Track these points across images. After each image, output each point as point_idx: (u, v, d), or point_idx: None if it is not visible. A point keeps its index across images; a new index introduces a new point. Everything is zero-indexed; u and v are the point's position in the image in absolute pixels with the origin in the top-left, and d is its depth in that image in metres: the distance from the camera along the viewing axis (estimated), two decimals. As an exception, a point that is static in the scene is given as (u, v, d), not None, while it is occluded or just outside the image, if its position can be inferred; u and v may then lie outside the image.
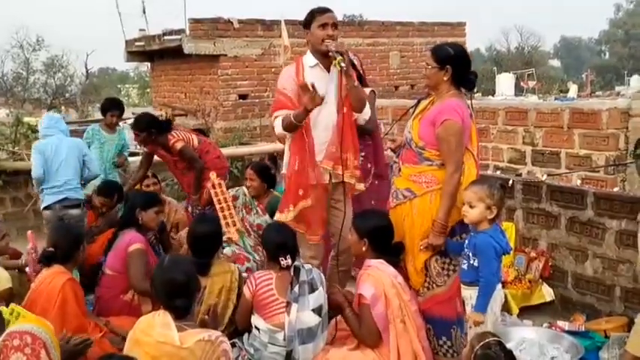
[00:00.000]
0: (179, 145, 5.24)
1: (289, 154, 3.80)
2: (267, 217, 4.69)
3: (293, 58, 10.74)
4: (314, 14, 3.69)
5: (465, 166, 3.28)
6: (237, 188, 5.02)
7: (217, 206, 4.58)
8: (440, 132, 3.23)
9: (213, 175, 4.75)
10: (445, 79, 3.30)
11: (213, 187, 4.67)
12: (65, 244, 3.52)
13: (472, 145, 3.36)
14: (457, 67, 3.29)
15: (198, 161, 5.26)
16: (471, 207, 3.13)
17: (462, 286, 3.30)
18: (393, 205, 3.50)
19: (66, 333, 2.91)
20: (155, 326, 2.69)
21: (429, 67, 3.33)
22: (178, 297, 2.71)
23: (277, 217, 3.82)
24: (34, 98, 27.47)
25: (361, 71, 4.51)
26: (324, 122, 3.71)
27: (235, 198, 4.84)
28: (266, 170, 4.96)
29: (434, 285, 3.42)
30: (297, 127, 3.61)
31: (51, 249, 3.48)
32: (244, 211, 4.82)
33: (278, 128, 3.71)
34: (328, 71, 3.72)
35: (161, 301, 2.81)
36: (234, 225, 4.55)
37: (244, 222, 4.73)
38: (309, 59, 3.76)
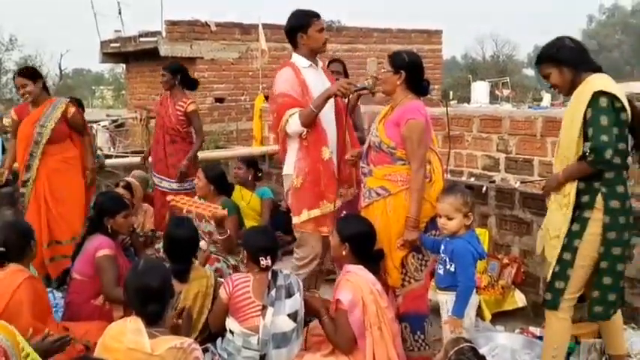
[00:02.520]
0: (193, 107, 5.42)
1: (303, 151, 3.78)
2: (225, 211, 4.57)
3: (271, 61, 10.76)
4: (311, 18, 3.83)
5: (433, 165, 3.47)
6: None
7: (186, 209, 4.49)
8: (404, 131, 3.38)
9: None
10: (399, 83, 3.46)
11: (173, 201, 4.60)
12: (15, 240, 3.40)
13: (434, 144, 3.56)
14: (410, 73, 3.46)
15: (202, 133, 5.51)
16: (449, 219, 3.18)
17: (437, 291, 3.34)
18: (364, 204, 3.58)
19: (47, 331, 2.84)
20: (126, 333, 2.65)
21: (384, 70, 3.51)
22: (151, 303, 2.67)
23: (297, 219, 3.81)
24: (7, 99, 27.01)
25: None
26: (327, 116, 3.84)
27: (190, 212, 4.78)
28: (217, 175, 4.79)
29: (412, 280, 3.50)
30: (314, 116, 3.69)
31: (1, 248, 3.36)
32: (197, 219, 4.75)
33: (294, 125, 3.72)
34: (317, 67, 3.95)
35: (133, 307, 2.76)
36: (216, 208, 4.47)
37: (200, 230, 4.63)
38: (302, 61, 3.88)
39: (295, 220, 3.85)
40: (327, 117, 3.85)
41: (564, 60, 3.12)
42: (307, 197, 3.79)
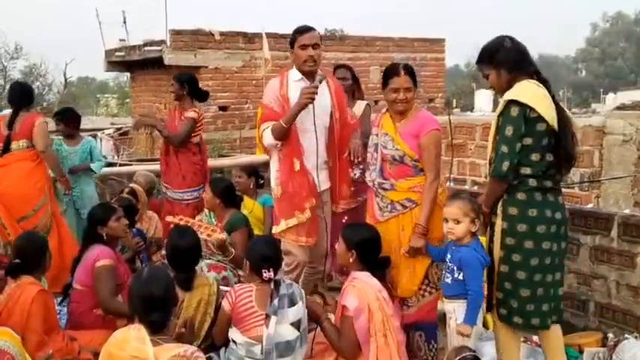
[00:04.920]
0: (191, 114, 5.29)
1: (280, 163, 3.88)
2: (224, 235, 4.49)
3: (274, 70, 10.80)
4: (296, 35, 3.83)
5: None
6: (200, 213, 4.96)
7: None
8: (424, 141, 3.41)
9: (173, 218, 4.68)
10: (415, 96, 3.56)
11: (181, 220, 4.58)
12: (32, 253, 3.47)
13: None
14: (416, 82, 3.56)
15: (183, 139, 5.27)
16: (456, 223, 3.18)
17: (444, 300, 3.33)
18: (384, 218, 3.57)
19: (51, 352, 2.85)
20: (130, 340, 2.65)
21: (411, 88, 3.48)
22: (155, 311, 2.68)
23: (282, 226, 3.88)
24: (12, 107, 27.12)
25: (360, 85, 4.91)
26: (307, 129, 3.86)
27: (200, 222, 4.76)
28: (223, 188, 4.74)
29: (433, 290, 3.56)
30: (285, 130, 3.74)
31: (17, 260, 3.41)
32: (203, 224, 4.71)
33: (268, 139, 3.82)
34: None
35: (137, 315, 2.76)
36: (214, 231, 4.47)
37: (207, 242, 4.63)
38: (294, 74, 3.93)
39: (274, 229, 3.94)
40: (307, 129, 3.86)
41: (501, 62, 3.08)
42: (284, 207, 3.88)
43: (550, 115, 2.98)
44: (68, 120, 5.84)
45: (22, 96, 5.18)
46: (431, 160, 3.40)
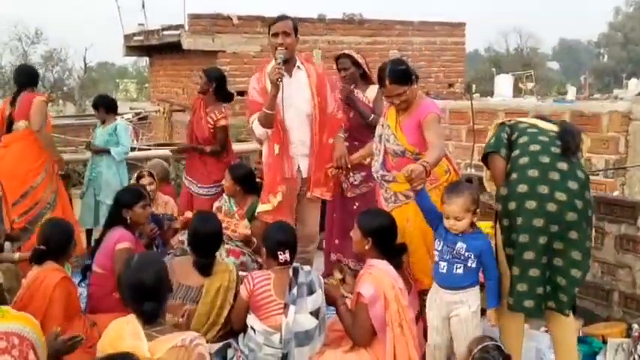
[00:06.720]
0: (223, 122, 5.21)
1: (267, 147, 4.11)
2: (245, 222, 4.52)
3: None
4: (269, 25, 3.95)
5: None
6: (220, 199, 4.95)
7: None
8: (425, 122, 3.43)
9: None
10: (416, 87, 3.52)
11: None
12: (57, 240, 3.48)
13: None
14: (416, 76, 3.54)
15: (222, 149, 5.24)
16: (458, 220, 3.11)
17: (452, 292, 3.20)
18: (389, 208, 3.56)
19: (58, 330, 2.82)
20: (124, 337, 2.53)
21: (403, 92, 3.45)
22: (147, 301, 2.55)
23: (260, 208, 4.12)
24: (32, 91, 27.41)
25: (366, 69, 4.79)
26: (294, 121, 3.99)
27: (219, 209, 4.75)
28: (243, 175, 4.71)
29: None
30: (270, 116, 3.87)
31: (42, 247, 3.42)
32: (226, 218, 4.68)
33: (257, 129, 4.01)
34: (290, 75, 3.96)
35: (129, 305, 2.63)
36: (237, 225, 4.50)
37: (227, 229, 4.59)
38: (271, 65, 3.97)
39: (257, 209, 4.18)
40: (289, 118, 3.96)
41: None
42: (265, 190, 4.14)
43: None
44: (96, 106, 6.15)
45: (24, 76, 5.32)
46: (437, 137, 3.37)
